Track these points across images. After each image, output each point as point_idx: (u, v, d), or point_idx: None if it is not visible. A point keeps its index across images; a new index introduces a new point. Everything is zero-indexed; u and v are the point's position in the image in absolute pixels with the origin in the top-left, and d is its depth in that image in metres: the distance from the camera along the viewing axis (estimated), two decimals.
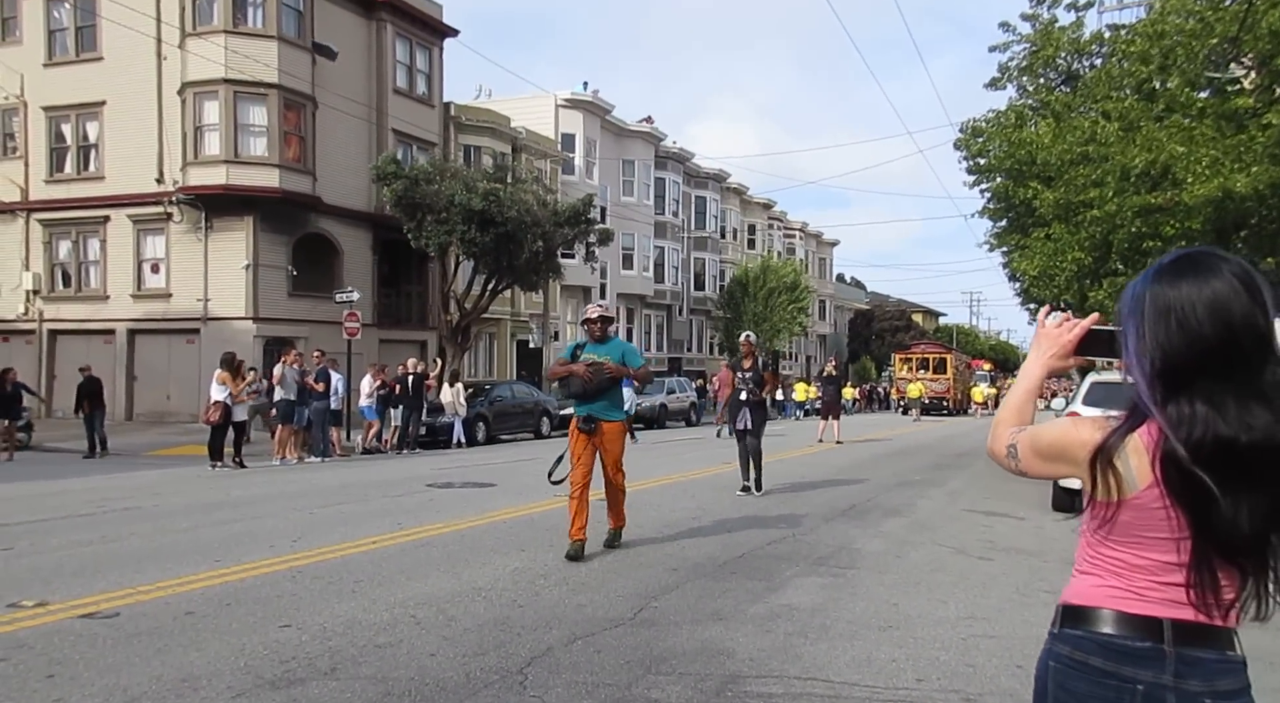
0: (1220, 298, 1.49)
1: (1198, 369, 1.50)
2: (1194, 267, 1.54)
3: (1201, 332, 1.49)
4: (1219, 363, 1.49)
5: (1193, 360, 1.50)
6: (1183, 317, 1.51)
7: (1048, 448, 1.66)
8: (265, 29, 22.97)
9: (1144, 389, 1.54)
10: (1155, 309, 1.54)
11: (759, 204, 53.70)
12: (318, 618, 5.15)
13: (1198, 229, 12.30)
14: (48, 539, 7.64)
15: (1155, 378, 1.53)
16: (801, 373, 53.61)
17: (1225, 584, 1.51)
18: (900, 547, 7.68)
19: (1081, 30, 15.45)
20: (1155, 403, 1.52)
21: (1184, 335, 1.50)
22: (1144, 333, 1.55)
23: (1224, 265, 1.53)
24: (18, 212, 25.26)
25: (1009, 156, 15.20)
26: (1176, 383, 1.51)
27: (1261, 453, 1.45)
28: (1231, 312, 1.48)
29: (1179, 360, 1.51)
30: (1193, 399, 1.49)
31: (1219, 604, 1.52)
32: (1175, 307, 1.52)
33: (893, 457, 17.37)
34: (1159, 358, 1.52)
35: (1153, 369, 1.53)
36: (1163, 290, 1.54)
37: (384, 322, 26.93)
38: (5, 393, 16.13)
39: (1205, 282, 1.51)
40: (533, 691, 4.02)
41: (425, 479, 12.44)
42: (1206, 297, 1.50)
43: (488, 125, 30.66)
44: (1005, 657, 4.58)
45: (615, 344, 7.42)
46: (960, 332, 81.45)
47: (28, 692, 3.96)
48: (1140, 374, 1.55)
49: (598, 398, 7.11)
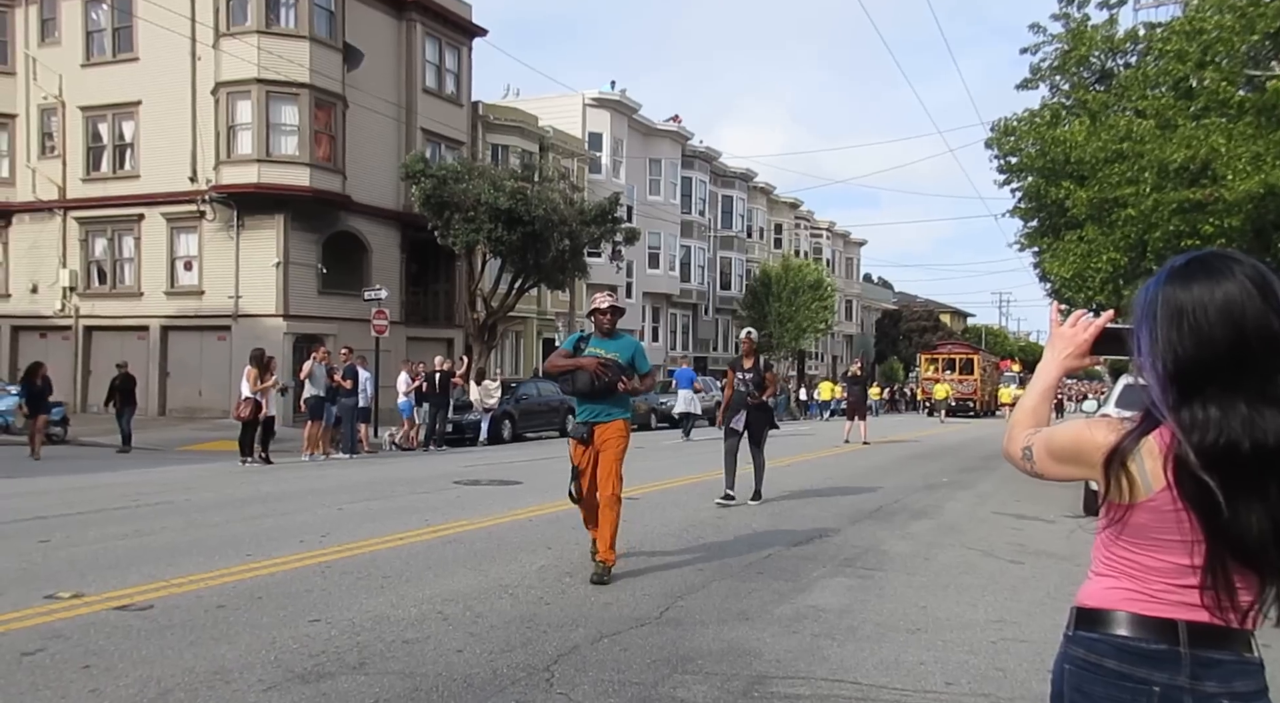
0: (1232, 301, 1.48)
1: (1209, 373, 1.48)
2: (1206, 269, 1.53)
3: (1213, 335, 1.48)
4: (1230, 366, 1.47)
5: (1204, 364, 1.49)
6: (1194, 320, 1.49)
7: (1062, 450, 1.65)
8: (298, 29, 23.23)
9: (1157, 392, 1.53)
10: (1167, 311, 1.53)
11: (786, 204, 53.47)
12: (347, 613, 5.19)
13: (1237, 227, 12.06)
14: (83, 532, 7.78)
15: (1168, 381, 1.52)
16: (828, 373, 53.34)
17: (1242, 587, 1.50)
18: (928, 549, 7.61)
19: (1115, 28, 15.22)
20: (1168, 406, 1.51)
21: (1195, 339, 1.49)
22: (1156, 336, 1.54)
23: (1237, 268, 1.51)
24: (55, 210, 25.73)
25: (1042, 155, 14.99)
26: (1189, 386, 1.50)
27: (1273, 458, 1.44)
28: (1244, 315, 1.47)
29: (1191, 364, 1.50)
30: (1205, 403, 1.48)
31: (1235, 607, 1.50)
32: (1187, 309, 1.50)
33: (919, 458, 17.22)
34: (1171, 361, 1.51)
35: (1165, 372, 1.52)
36: (1175, 292, 1.53)
37: (412, 319, 27.13)
38: (36, 388, 16.03)
39: (1217, 284, 1.50)
40: (559, 688, 4.03)
41: (452, 477, 12.51)
42: (1218, 299, 1.48)
43: (515, 124, 30.78)
44: (1036, 661, 4.52)
45: (626, 342, 6.49)
46: (989, 332, 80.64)
47: (64, 682, 4.03)
48: (1153, 377, 1.54)
49: (604, 398, 6.26)
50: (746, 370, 10.17)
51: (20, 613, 5.13)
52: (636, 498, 10.25)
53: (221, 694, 3.90)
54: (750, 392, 10.03)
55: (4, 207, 26.21)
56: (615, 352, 6.33)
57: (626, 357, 6.37)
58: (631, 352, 6.42)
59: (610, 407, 6.29)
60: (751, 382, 10.06)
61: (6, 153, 26.39)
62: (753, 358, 10.25)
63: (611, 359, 6.25)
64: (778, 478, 12.89)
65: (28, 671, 4.16)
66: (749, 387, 10.06)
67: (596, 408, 6.28)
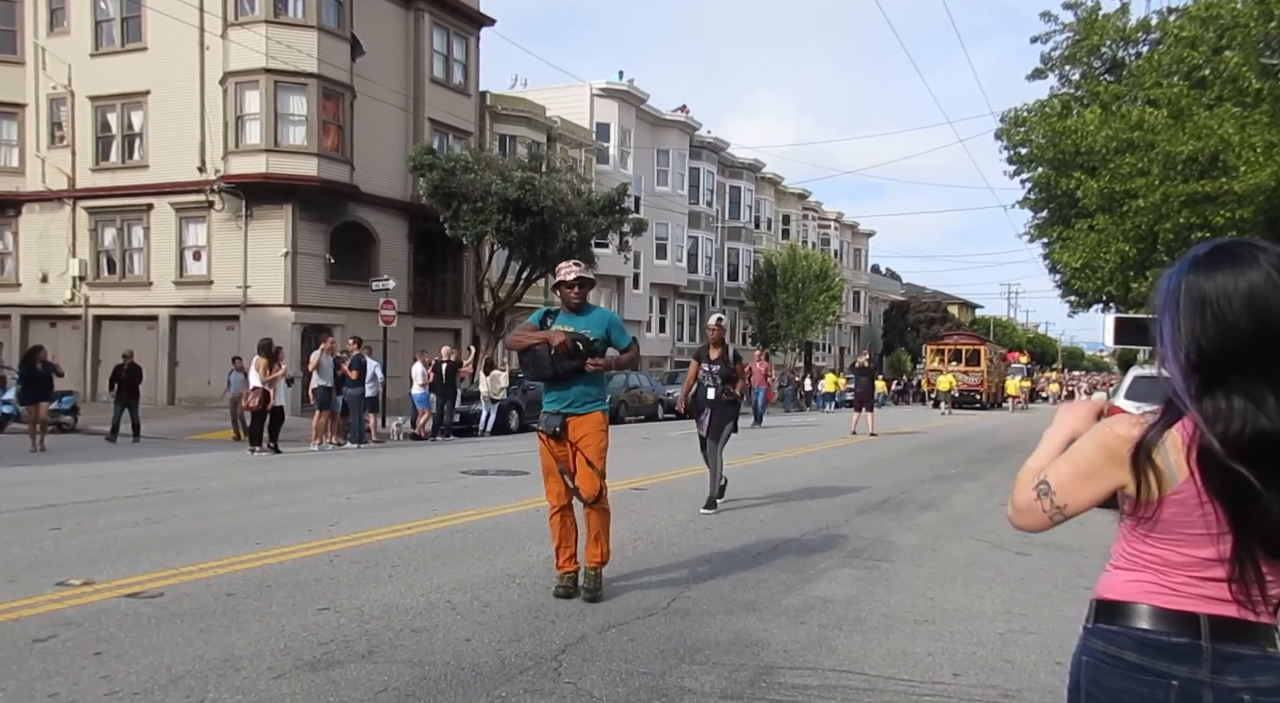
0: (1257, 290, 1.46)
1: (1233, 363, 1.47)
2: (1230, 258, 1.51)
3: (1237, 325, 1.46)
4: (1256, 356, 1.46)
5: (1228, 354, 1.47)
6: (1218, 309, 1.48)
7: (1087, 460, 1.58)
8: (305, 19, 23.20)
9: (1179, 383, 1.52)
10: (1190, 301, 1.51)
11: (794, 194, 53.29)
12: (355, 602, 5.22)
13: (1249, 218, 11.98)
14: (94, 520, 7.82)
15: (1191, 371, 1.50)
16: (835, 364, 53.26)
17: (1271, 580, 1.49)
18: (936, 540, 7.60)
19: (1127, 17, 15.11)
20: (1191, 397, 1.50)
21: (1219, 328, 1.47)
22: (1179, 325, 1.52)
23: (1261, 256, 1.49)
24: (65, 199, 25.79)
25: (1052, 145, 14.92)
26: (1212, 377, 1.48)
27: None
28: (1268, 303, 1.45)
29: (1214, 354, 1.48)
30: (1229, 393, 1.47)
31: (1265, 600, 1.49)
32: (1210, 299, 1.49)
33: (927, 450, 17.20)
34: (1194, 351, 1.49)
35: (1188, 362, 1.50)
36: (1198, 281, 1.51)
37: (419, 310, 27.16)
38: (36, 372, 14.92)
39: (1242, 273, 1.48)
40: (567, 678, 4.04)
41: (460, 466, 12.54)
42: (1243, 288, 1.47)
43: (523, 115, 30.72)
44: (1044, 653, 4.52)
45: (598, 315, 5.56)
46: (998, 324, 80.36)
47: (75, 668, 4.05)
48: (1175, 367, 1.52)
49: (574, 381, 5.30)
50: (714, 362, 8.96)
51: (32, 600, 5.16)
52: (643, 489, 10.26)
53: (231, 682, 3.92)
54: (720, 386, 8.87)
55: (14, 196, 26.29)
56: (586, 328, 5.37)
57: (600, 332, 5.39)
58: (605, 325, 5.47)
59: (585, 393, 5.35)
60: (720, 375, 8.89)
61: (16, 142, 26.44)
62: (720, 348, 9.03)
63: (583, 335, 5.30)
64: (784, 469, 12.90)
65: (40, 657, 4.19)
66: (716, 381, 8.89)
67: (568, 395, 5.34)
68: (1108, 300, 17.17)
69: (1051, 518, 1.62)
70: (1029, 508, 1.64)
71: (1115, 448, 1.55)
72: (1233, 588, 1.49)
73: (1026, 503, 1.64)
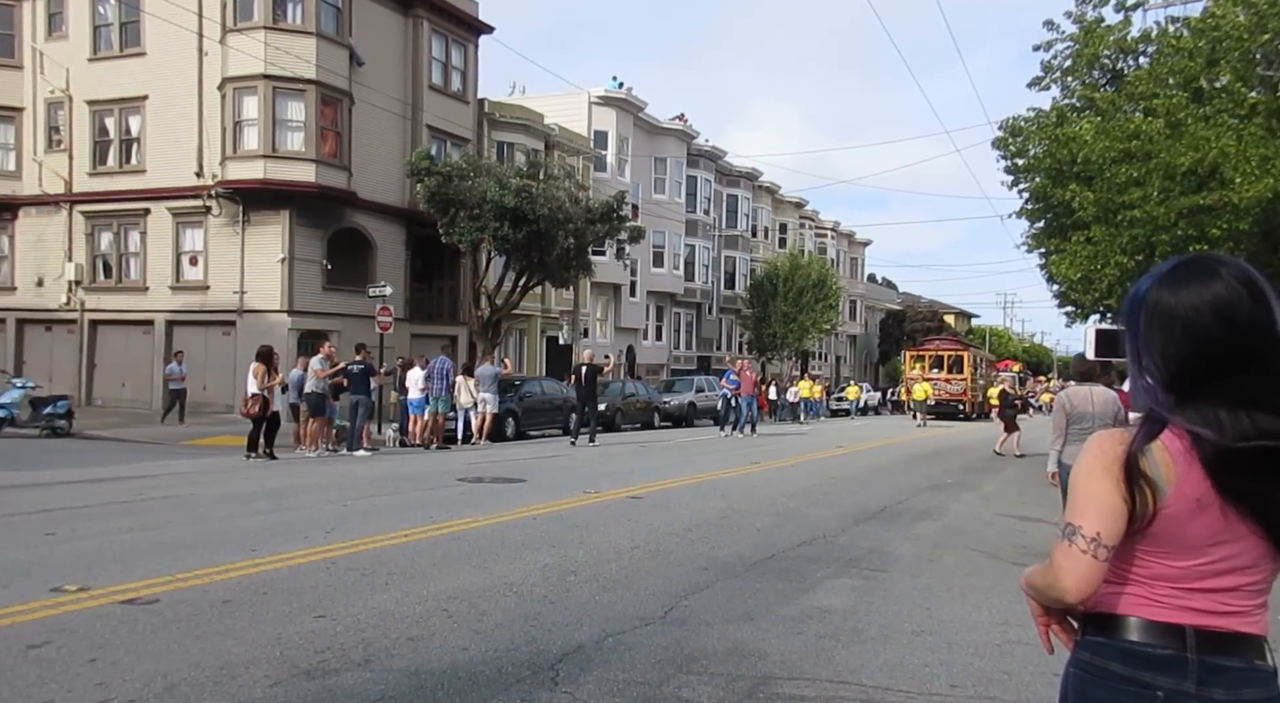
0: (1223, 301, 1.50)
1: (1210, 373, 1.50)
2: (1193, 272, 1.55)
3: (1211, 336, 1.50)
4: (1232, 365, 1.49)
5: (1204, 365, 1.51)
6: (1188, 323, 1.52)
7: (1099, 485, 1.54)
8: (304, 25, 23.22)
9: (1157, 395, 1.55)
10: (1160, 317, 1.55)
11: (791, 203, 53.42)
12: (351, 609, 5.20)
13: (1246, 230, 12.03)
14: (89, 526, 7.79)
15: (1167, 384, 1.54)
16: (830, 374, 53.19)
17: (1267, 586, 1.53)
18: (933, 550, 7.60)
19: (1129, 29, 15.16)
20: (1168, 409, 1.53)
21: (1192, 341, 1.51)
22: (1153, 341, 1.55)
23: (1223, 269, 1.54)
24: (61, 203, 25.75)
25: (1049, 156, 14.96)
26: (1188, 388, 1.52)
27: None
28: (1237, 313, 1.49)
29: (1190, 366, 1.52)
30: (1213, 403, 1.50)
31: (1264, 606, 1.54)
32: (1180, 313, 1.53)
33: (924, 459, 17.21)
34: (1166, 364, 1.54)
35: (1162, 376, 1.54)
36: (1165, 297, 1.55)
37: (416, 316, 27.13)
38: None
39: (1206, 286, 1.52)
40: (564, 687, 4.03)
41: (456, 474, 12.52)
42: (1208, 301, 1.51)
43: (521, 122, 30.76)
44: (1041, 664, 4.51)
45: None
46: (993, 333, 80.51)
47: (70, 675, 4.03)
48: (1152, 380, 1.56)
49: None
50: None
51: (26, 605, 5.14)
52: (640, 497, 10.25)
53: (227, 690, 3.90)
54: None
55: (10, 200, 26.24)
56: None
57: None
58: None
59: None
60: None
61: (13, 146, 26.39)
62: None
63: None
64: (780, 479, 12.89)
65: (34, 664, 4.17)
66: None
67: None
68: (1105, 312, 17.21)
69: (1095, 554, 1.52)
70: (1068, 556, 1.55)
71: (1110, 466, 1.56)
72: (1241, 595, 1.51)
73: (1063, 554, 1.56)
